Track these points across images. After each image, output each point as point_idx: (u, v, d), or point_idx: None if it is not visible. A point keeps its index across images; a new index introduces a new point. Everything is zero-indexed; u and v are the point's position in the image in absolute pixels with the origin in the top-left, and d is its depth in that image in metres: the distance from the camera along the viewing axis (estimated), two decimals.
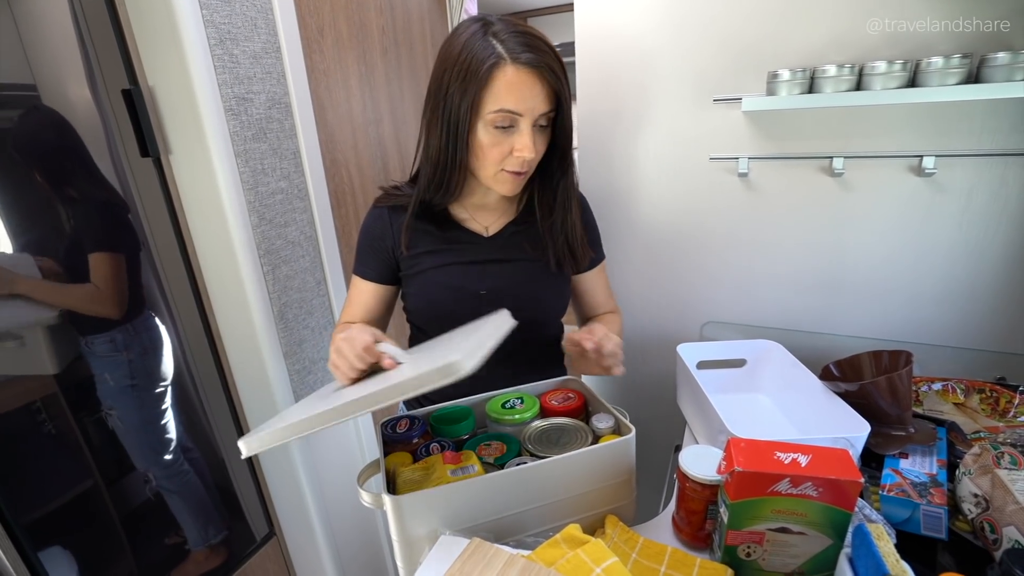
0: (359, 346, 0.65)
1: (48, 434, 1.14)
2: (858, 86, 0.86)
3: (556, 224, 0.84)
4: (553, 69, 0.70)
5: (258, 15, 1.00)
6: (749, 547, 0.60)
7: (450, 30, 1.68)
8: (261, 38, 1.02)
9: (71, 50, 1.01)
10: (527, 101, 0.70)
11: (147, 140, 0.96)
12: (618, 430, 0.74)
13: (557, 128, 0.77)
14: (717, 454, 0.67)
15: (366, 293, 0.87)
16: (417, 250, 0.83)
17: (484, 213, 0.86)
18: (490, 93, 0.69)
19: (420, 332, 0.92)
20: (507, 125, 0.72)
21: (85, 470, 1.20)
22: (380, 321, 0.89)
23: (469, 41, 0.70)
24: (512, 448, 0.73)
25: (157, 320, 1.26)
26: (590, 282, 0.93)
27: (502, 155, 0.74)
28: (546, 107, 0.72)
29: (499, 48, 0.68)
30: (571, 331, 0.79)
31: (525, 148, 0.72)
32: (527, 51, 0.68)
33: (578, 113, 1.14)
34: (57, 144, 1.04)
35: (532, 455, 0.70)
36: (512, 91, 0.69)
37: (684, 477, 0.67)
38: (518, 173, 0.76)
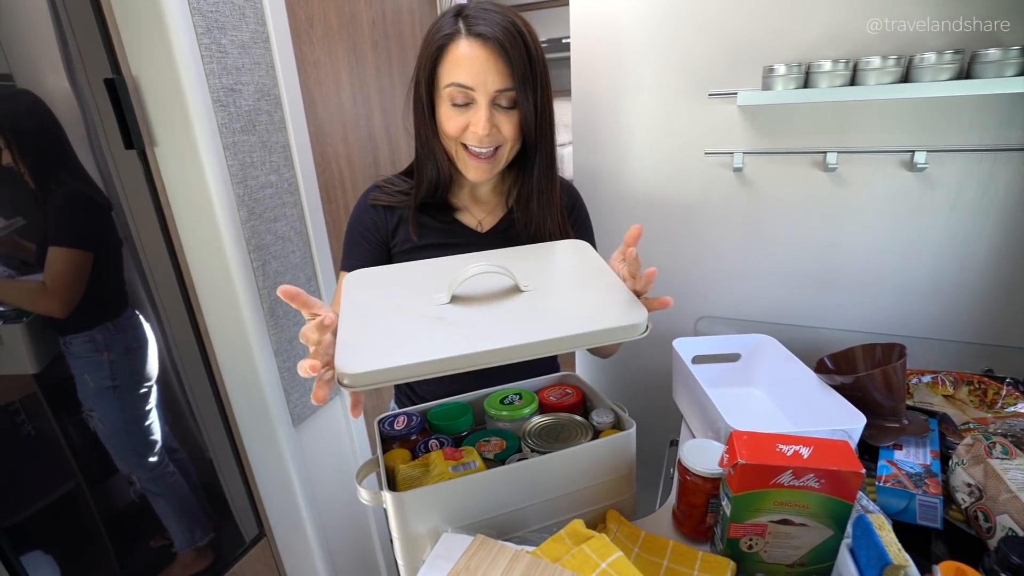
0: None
1: (27, 435, 1.11)
2: (852, 81, 0.86)
3: (530, 219, 0.82)
4: (506, 47, 0.68)
5: (246, 3, 0.97)
6: (751, 539, 0.60)
7: None
8: (249, 27, 0.99)
9: (49, 38, 0.97)
10: (478, 74, 0.68)
11: (131, 132, 0.93)
12: (618, 425, 0.74)
13: (527, 116, 0.73)
14: (718, 447, 0.68)
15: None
16: (416, 243, 0.82)
17: (478, 207, 0.85)
18: (443, 67, 0.69)
19: None
20: (463, 103, 0.71)
21: (67, 472, 1.16)
22: None
23: (440, 23, 0.70)
24: (512, 444, 0.72)
25: (141, 318, 1.22)
26: None
27: (459, 130, 0.72)
28: (502, 84, 0.69)
29: (460, 24, 0.68)
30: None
31: (478, 124, 0.70)
32: (483, 25, 0.67)
33: (572, 106, 1.13)
34: (37, 129, 1.00)
35: (532, 451, 0.69)
36: (462, 64, 0.68)
37: (685, 471, 0.67)
38: (479, 156, 0.74)
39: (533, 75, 0.71)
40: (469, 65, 0.68)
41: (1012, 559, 0.53)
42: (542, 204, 0.81)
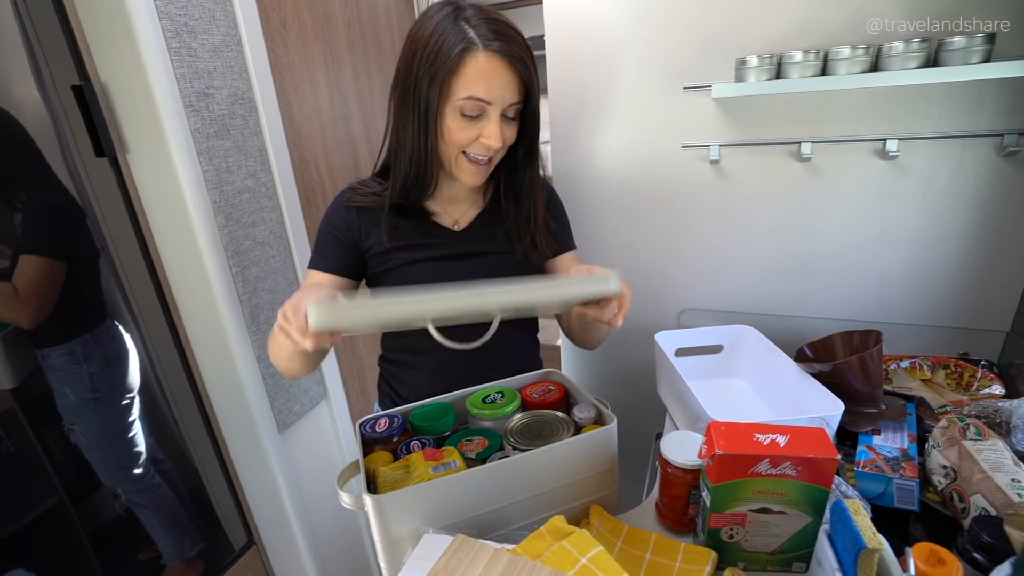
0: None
1: (6, 452, 1.09)
2: (823, 71, 0.87)
3: (523, 214, 0.83)
4: (524, 60, 0.70)
5: (216, 6, 0.96)
6: (732, 529, 0.61)
7: None
8: (220, 30, 0.98)
9: (14, 45, 0.96)
10: (496, 89, 0.69)
11: (102, 139, 0.91)
12: (600, 420, 0.74)
13: (525, 120, 0.77)
14: (697, 439, 0.68)
15: (320, 285, 0.81)
16: (390, 245, 0.81)
17: (454, 206, 0.85)
18: (460, 79, 0.68)
19: (393, 334, 0.90)
20: (476, 114, 0.71)
21: (48, 488, 1.15)
22: None
23: (440, 24, 0.68)
24: (494, 443, 0.72)
25: (121, 328, 1.21)
26: (564, 270, 0.92)
27: (469, 139, 0.73)
28: (515, 98, 0.72)
29: (471, 33, 0.67)
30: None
31: (492, 136, 0.72)
32: (499, 39, 0.68)
33: (549, 105, 1.14)
34: (5, 139, 0.98)
35: (514, 449, 0.69)
36: (482, 79, 0.68)
37: (666, 463, 0.67)
38: (479, 162, 0.75)
39: (536, 86, 0.74)
40: (489, 80, 0.68)
41: (983, 538, 0.54)
42: (533, 201, 0.83)
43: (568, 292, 0.62)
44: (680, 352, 1.01)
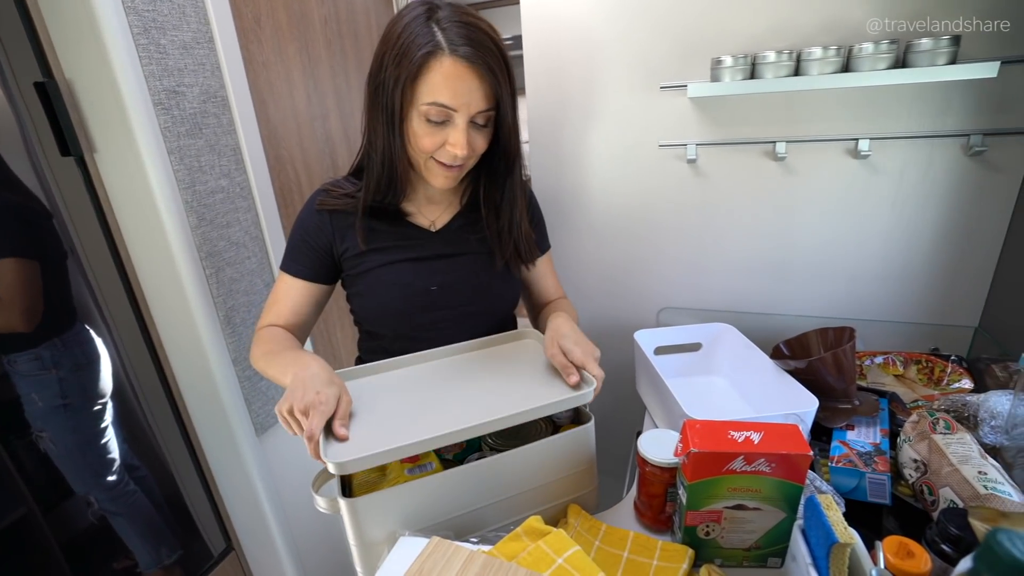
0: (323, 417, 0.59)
1: None
2: (796, 71, 0.88)
3: (504, 224, 0.82)
4: (492, 69, 0.67)
5: (186, 2, 0.94)
6: (708, 526, 0.61)
7: None
8: (191, 27, 0.96)
9: None
10: (462, 96, 0.67)
11: (67, 137, 0.88)
12: (578, 419, 0.74)
13: (499, 127, 0.74)
14: (675, 437, 0.68)
15: (295, 291, 0.81)
16: (365, 248, 0.80)
17: (431, 207, 0.84)
18: (424, 84, 0.66)
19: (369, 336, 0.88)
20: (441, 120, 0.69)
21: (17, 498, 1.11)
22: (307, 322, 0.84)
23: (410, 25, 0.66)
24: (471, 444, 0.71)
25: (92, 332, 1.18)
26: (538, 271, 0.92)
27: (434, 145, 0.71)
28: (483, 105, 0.69)
29: (439, 36, 0.65)
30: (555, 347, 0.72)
31: (457, 144, 0.69)
32: (467, 44, 0.66)
33: (527, 106, 1.13)
34: None
35: (492, 449, 0.69)
36: (447, 84, 0.66)
37: (643, 461, 0.68)
38: (449, 167, 0.73)
39: (511, 92, 0.71)
40: (454, 87, 0.66)
41: (951, 530, 0.55)
42: (514, 211, 0.82)
43: (551, 411, 0.65)
44: (659, 350, 1.01)
